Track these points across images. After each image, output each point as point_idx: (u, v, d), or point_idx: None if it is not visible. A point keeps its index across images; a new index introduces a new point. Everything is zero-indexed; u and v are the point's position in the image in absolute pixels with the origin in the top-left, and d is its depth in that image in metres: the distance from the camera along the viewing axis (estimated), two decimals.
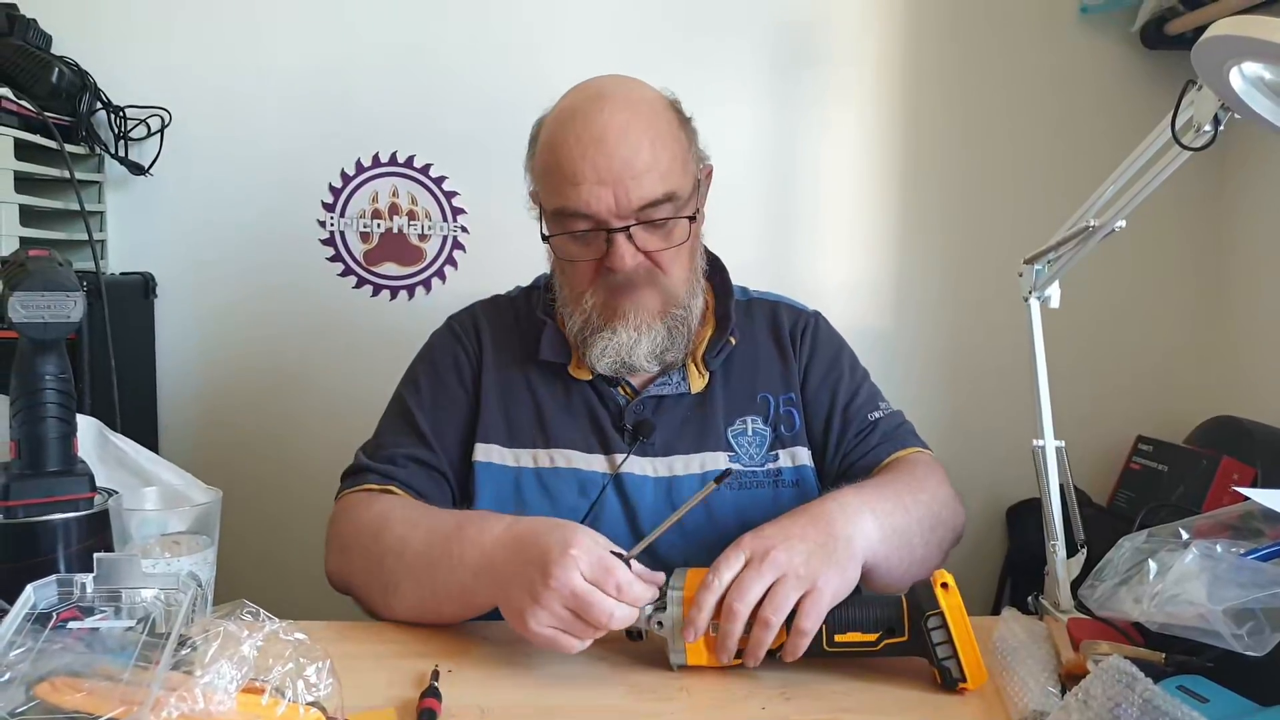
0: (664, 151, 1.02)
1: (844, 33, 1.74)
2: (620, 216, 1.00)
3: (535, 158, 1.08)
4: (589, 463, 1.09)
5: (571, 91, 1.07)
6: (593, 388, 1.11)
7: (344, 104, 1.71)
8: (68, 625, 0.67)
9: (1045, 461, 1.03)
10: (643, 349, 1.04)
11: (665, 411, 1.11)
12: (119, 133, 1.64)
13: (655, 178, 1.00)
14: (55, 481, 0.85)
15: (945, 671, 0.82)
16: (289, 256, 1.74)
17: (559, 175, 1.01)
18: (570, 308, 1.08)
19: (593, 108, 1.01)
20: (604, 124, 1.00)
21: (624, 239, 1.01)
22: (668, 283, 1.05)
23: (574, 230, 1.02)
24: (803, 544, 0.85)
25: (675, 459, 1.09)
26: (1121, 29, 1.71)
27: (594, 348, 1.05)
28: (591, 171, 0.99)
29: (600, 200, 0.99)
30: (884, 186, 1.77)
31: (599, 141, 0.99)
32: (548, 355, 1.11)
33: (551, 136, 1.03)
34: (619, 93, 1.04)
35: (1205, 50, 0.77)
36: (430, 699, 0.78)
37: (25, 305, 0.83)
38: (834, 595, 0.84)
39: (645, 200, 1.00)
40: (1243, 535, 0.82)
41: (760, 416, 1.12)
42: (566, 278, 1.08)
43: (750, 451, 1.10)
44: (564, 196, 1.01)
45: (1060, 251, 1.01)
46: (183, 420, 1.74)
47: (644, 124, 1.02)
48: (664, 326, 1.05)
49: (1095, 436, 1.73)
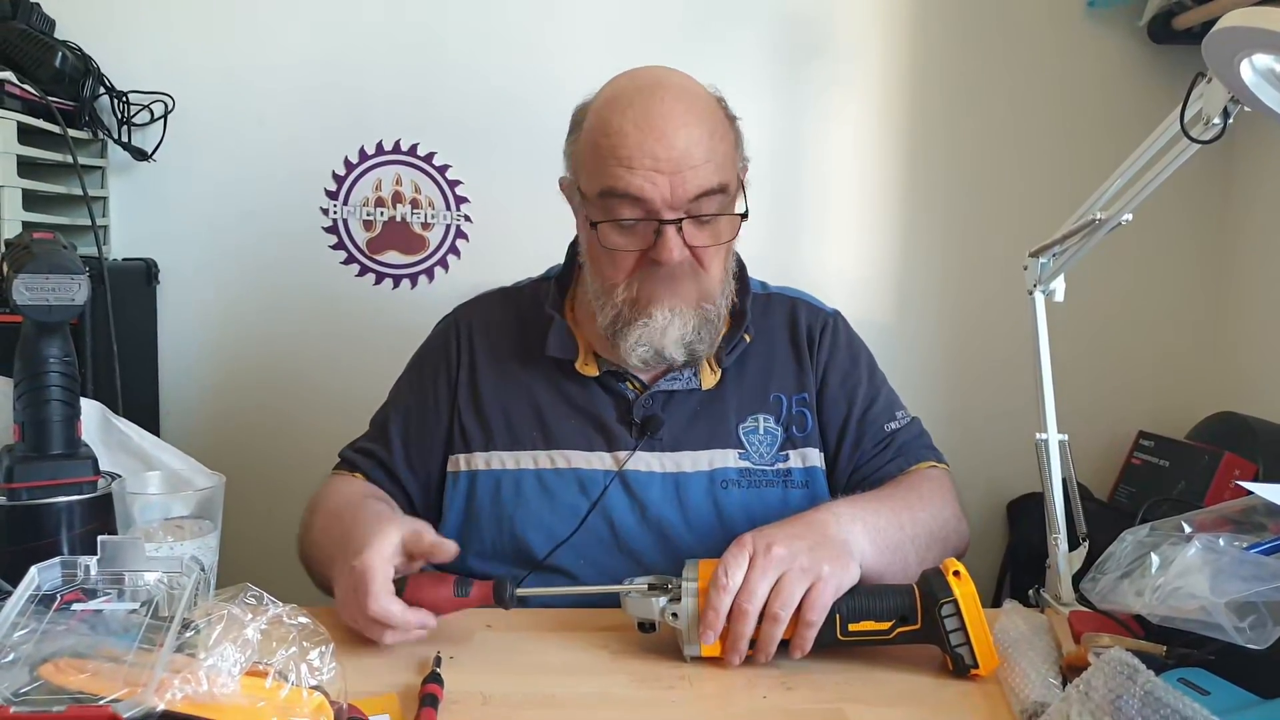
0: (720, 144, 1.02)
1: (849, 26, 1.73)
2: (673, 207, 0.99)
3: (580, 142, 1.05)
4: (589, 461, 1.08)
5: (622, 78, 1.05)
6: (600, 384, 1.11)
7: (347, 91, 1.70)
8: (72, 607, 0.67)
9: (1048, 455, 1.03)
10: (674, 334, 1.03)
11: (675, 407, 1.10)
12: (122, 118, 1.64)
13: (711, 169, 1.00)
14: (59, 465, 0.85)
15: (958, 658, 0.82)
16: (292, 244, 1.73)
17: (613, 159, 0.99)
18: (602, 300, 1.06)
19: (652, 96, 1.00)
20: (665, 113, 0.99)
21: (674, 231, 0.99)
22: (706, 279, 1.04)
23: (622, 218, 1.00)
24: (802, 541, 0.87)
25: (684, 455, 1.08)
26: (1129, 23, 1.70)
27: (628, 338, 1.04)
28: (650, 159, 0.97)
29: (656, 188, 0.98)
30: (888, 180, 1.76)
31: (659, 129, 0.98)
32: (555, 352, 1.10)
33: (605, 121, 1.00)
34: (675, 82, 1.03)
35: (1216, 42, 0.77)
36: (432, 685, 0.78)
37: (30, 288, 0.83)
38: (837, 587, 0.85)
39: (701, 189, 0.99)
40: (1245, 529, 0.83)
41: (772, 416, 1.11)
42: (602, 267, 1.05)
43: (761, 450, 1.10)
44: (616, 179, 0.99)
45: (1066, 245, 1.01)
46: (184, 406, 1.74)
47: (701, 116, 1.01)
48: (696, 317, 1.04)
49: (1097, 431, 1.73)
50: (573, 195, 1.09)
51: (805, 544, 0.86)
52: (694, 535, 1.06)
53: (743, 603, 0.83)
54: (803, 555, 0.85)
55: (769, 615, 0.83)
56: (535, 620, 0.96)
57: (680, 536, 1.06)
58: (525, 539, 1.06)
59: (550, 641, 0.91)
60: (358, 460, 1.15)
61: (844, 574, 0.86)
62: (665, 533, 1.06)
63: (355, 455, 1.16)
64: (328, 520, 1.04)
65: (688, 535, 1.06)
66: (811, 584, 0.83)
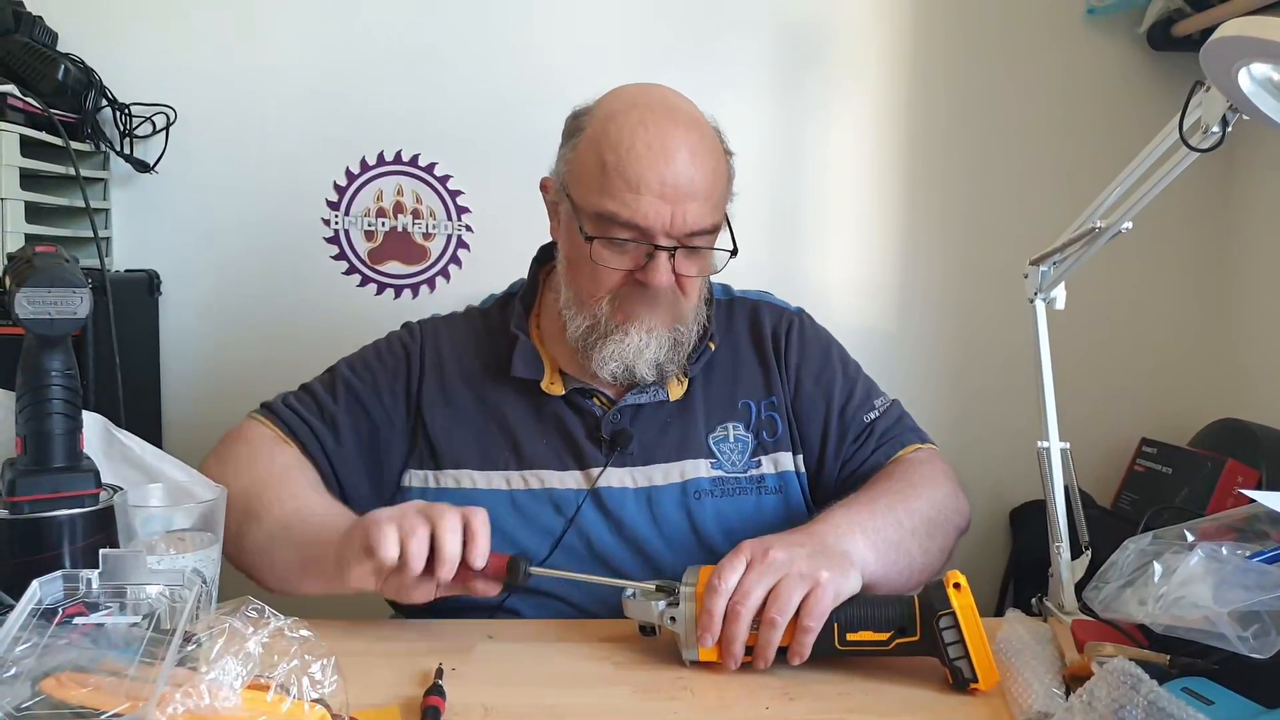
0: (720, 183, 1.03)
1: (849, 33, 1.73)
2: (670, 235, 0.99)
3: (580, 150, 1.03)
4: (563, 480, 1.07)
5: (629, 92, 1.04)
6: (566, 402, 1.09)
7: (349, 102, 1.70)
8: (73, 621, 0.67)
9: (1050, 463, 1.03)
10: (649, 355, 1.04)
11: (643, 420, 1.09)
12: (124, 130, 1.64)
13: (710, 206, 1.01)
14: (61, 477, 0.85)
15: (957, 672, 0.82)
16: (293, 255, 1.73)
17: (618, 178, 0.98)
18: (575, 309, 1.06)
19: (667, 119, 0.99)
20: (678, 141, 0.98)
21: (666, 257, 1.00)
22: (683, 304, 1.05)
23: (617, 237, 1.00)
24: (801, 548, 0.87)
25: (655, 468, 1.08)
26: (1128, 30, 1.70)
27: (602, 350, 1.04)
28: (658, 185, 0.97)
29: (658, 215, 0.98)
30: (889, 187, 1.76)
31: (671, 155, 0.97)
32: (520, 372, 1.09)
33: (613, 138, 0.99)
34: (686, 110, 1.03)
35: (1214, 51, 0.77)
36: (434, 697, 0.78)
37: (32, 301, 0.83)
38: (836, 594, 0.84)
39: (698, 226, 1.00)
40: (1248, 538, 0.82)
41: (742, 423, 1.11)
42: (583, 281, 1.05)
43: (733, 458, 1.09)
44: (619, 202, 0.98)
45: (1066, 253, 1.01)
46: (186, 418, 1.74)
47: (710, 150, 1.02)
48: (669, 339, 1.05)
49: (1099, 438, 1.73)
50: (559, 199, 1.07)
51: (804, 550, 0.87)
52: (670, 548, 1.06)
53: (736, 605, 0.83)
54: (801, 560, 0.85)
55: (766, 620, 0.83)
56: (537, 631, 0.96)
57: (657, 551, 1.06)
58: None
59: (552, 652, 0.91)
60: (296, 427, 1.08)
61: (843, 580, 0.85)
62: (641, 548, 1.06)
63: (294, 419, 1.09)
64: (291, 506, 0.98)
65: (664, 549, 1.06)
66: (810, 589, 0.83)
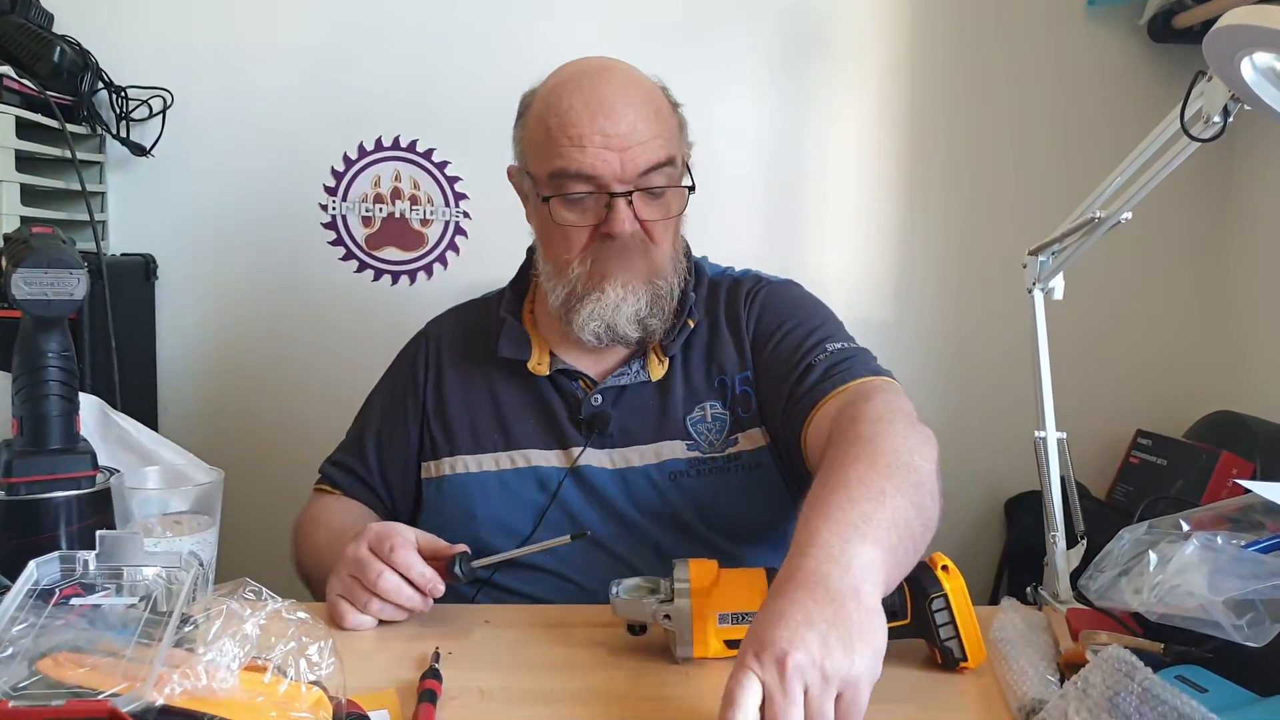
0: (665, 122, 1.05)
1: (848, 24, 1.73)
2: (623, 181, 1.01)
3: (528, 126, 1.08)
4: (547, 459, 1.09)
5: (567, 66, 1.08)
6: (551, 383, 1.11)
7: (347, 87, 1.70)
8: (70, 602, 0.67)
9: (1047, 453, 1.03)
10: (627, 309, 1.05)
11: (625, 402, 1.10)
12: (120, 113, 1.64)
13: (659, 144, 1.03)
14: (57, 459, 0.85)
15: (947, 651, 0.82)
16: (290, 240, 1.73)
17: (562, 138, 1.01)
18: (555, 280, 1.08)
19: (599, 77, 1.04)
20: (613, 93, 1.02)
21: (624, 204, 1.02)
22: (656, 253, 1.06)
23: (572, 192, 1.02)
24: (813, 632, 0.66)
25: (631, 450, 1.08)
26: (1129, 22, 1.70)
27: (580, 313, 1.05)
28: (600, 135, 1.00)
29: (606, 164, 1.00)
30: (888, 178, 1.76)
31: (608, 107, 1.01)
32: (506, 353, 1.11)
33: (552, 104, 1.03)
34: (621, 67, 1.07)
35: (1217, 40, 0.77)
36: (431, 680, 0.78)
37: (29, 282, 0.83)
38: (871, 677, 0.68)
39: (650, 164, 1.02)
40: (1243, 528, 0.82)
41: (719, 400, 1.10)
42: (555, 247, 1.07)
43: (710, 439, 1.09)
44: (567, 159, 1.01)
45: (1065, 243, 1.01)
46: (182, 401, 1.74)
47: (647, 96, 1.05)
48: (647, 293, 1.06)
49: (1095, 430, 1.73)
50: (522, 180, 1.12)
51: (817, 637, 0.66)
52: (654, 523, 1.06)
53: None
54: (821, 658, 0.65)
55: None
56: (533, 616, 0.96)
57: (638, 524, 1.06)
58: (489, 539, 1.05)
59: (548, 637, 0.91)
60: (337, 476, 1.18)
61: (873, 653, 0.68)
62: (623, 520, 1.06)
63: (334, 471, 1.19)
64: (331, 537, 1.03)
65: (646, 523, 1.06)
66: (840, 692, 0.66)
